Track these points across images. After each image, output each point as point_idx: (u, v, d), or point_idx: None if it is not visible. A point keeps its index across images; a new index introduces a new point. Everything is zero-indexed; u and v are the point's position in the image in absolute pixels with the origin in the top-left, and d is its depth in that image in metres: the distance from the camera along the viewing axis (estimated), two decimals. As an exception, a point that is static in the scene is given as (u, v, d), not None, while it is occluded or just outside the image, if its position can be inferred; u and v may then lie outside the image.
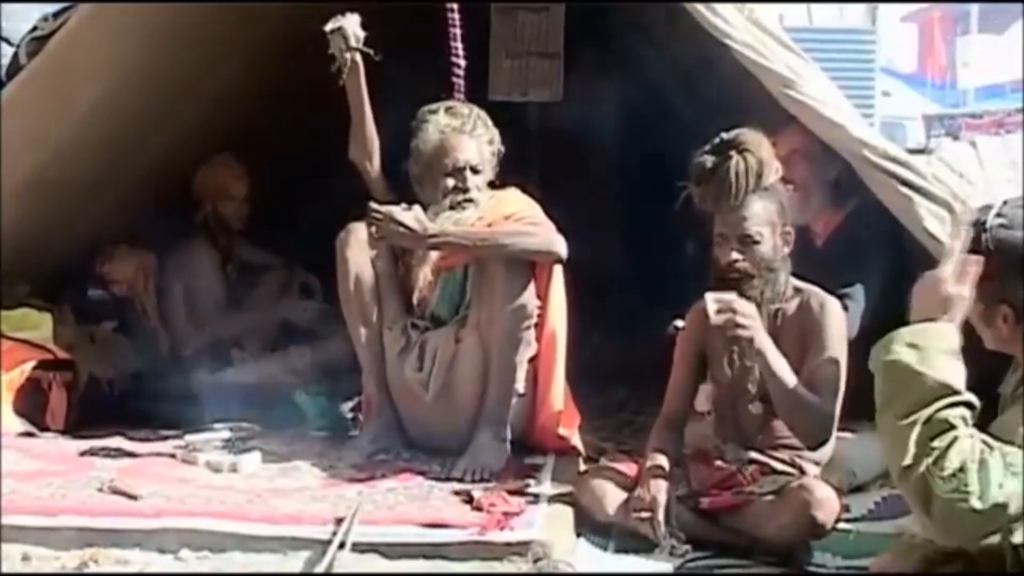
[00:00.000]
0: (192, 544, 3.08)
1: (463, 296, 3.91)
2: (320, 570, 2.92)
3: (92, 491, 3.44)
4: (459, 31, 4.12)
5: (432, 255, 3.88)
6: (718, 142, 3.27)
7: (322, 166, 4.52)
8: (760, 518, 3.11)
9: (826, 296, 3.32)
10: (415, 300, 3.93)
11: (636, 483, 3.26)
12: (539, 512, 3.29)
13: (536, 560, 3.02)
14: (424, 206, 3.82)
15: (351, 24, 3.76)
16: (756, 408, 3.34)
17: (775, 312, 3.30)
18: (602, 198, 6.65)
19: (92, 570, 2.98)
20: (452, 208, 3.84)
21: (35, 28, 4.12)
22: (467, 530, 3.12)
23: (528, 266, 3.76)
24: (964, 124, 14.41)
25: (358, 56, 3.78)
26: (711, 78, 4.79)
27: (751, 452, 3.34)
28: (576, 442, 3.89)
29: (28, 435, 4.12)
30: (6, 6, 4.81)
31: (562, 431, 3.87)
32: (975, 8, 18.53)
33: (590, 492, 3.33)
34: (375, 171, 3.94)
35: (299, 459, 3.84)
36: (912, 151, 4.07)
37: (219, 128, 5.01)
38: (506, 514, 3.22)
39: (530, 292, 3.75)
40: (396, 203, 3.78)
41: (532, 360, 3.81)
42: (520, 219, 3.83)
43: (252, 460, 3.78)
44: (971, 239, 2.39)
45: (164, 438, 4.09)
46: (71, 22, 4.02)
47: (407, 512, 3.29)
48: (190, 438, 3.96)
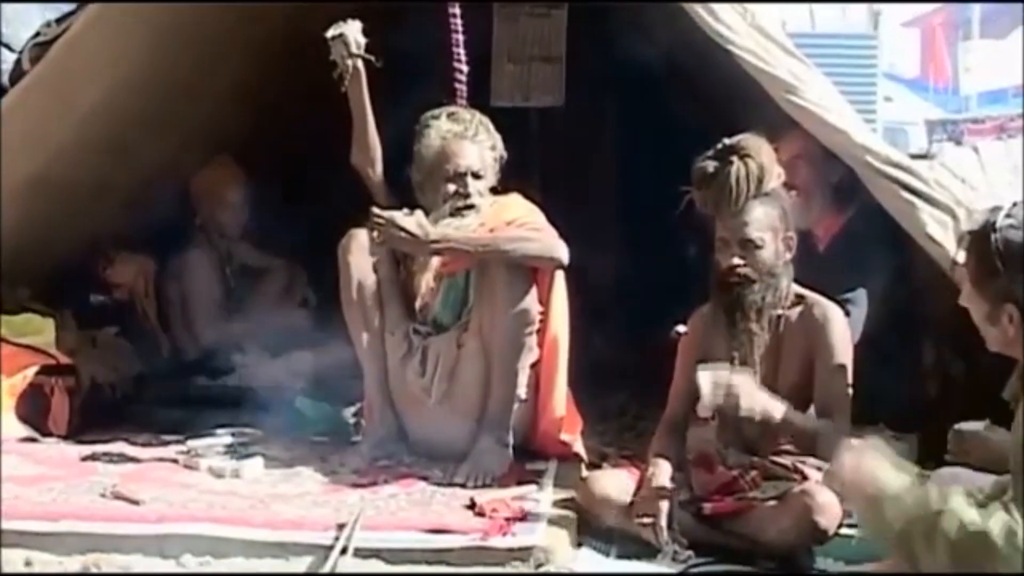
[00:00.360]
0: (194, 550, 3.09)
1: (465, 302, 3.91)
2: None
3: (94, 496, 3.45)
4: (462, 36, 4.12)
5: (434, 261, 3.88)
6: (720, 147, 3.27)
7: (324, 168, 4.52)
8: (762, 523, 3.11)
9: (829, 305, 3.32)
10: (417, 305, 3.93)
11: (638, 488, 3.27)
12: (541, 518, 3.29)
13: (538, 566, 3.03)
14: (426, 211, 3.82)
15: (352, 31, 3.76)
16: (757, 414, 3.35)
17: (777, 318, 3.31)
18: (604, 203, 6.65)
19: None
20: (453, 214, 3.84)
21: (38, 34, 4.12)
22: (469, 536, 3.12)
23: (530, 271, 3.76)
24: (966, 129, 14.39)
25: (360, 63, 3.78)
26: (713, 83, 4.78)
27: (753, 457, 3.34)
28: (578, 448, 3.89)
29: (30, 440, 4.12)
30: (6, 13, 4.82)
31: (564, 436, 3.86)
32: (977, 13, 18.51)
33: (592, 497, 3.33)
34: (377, 177, 3.94)
35: (301, 464, 3.84)
36: (914, 156, 4.06)
37: (220, 130, 5.01)
38: (508, 519, 3.22)
39: (532, 297, 3.75)
40: (398, 208, 3.78)
41: (534, 365, 3.81)
42: (522, 225, 3.82)
43: (254, 465, 3.78)
44: (980, 239, 2.46)
45: (166, 443, 4.09)
46: (74, 27, 4.03)
47: (409, 517, 3.29)
48: (192, 443, 3.97)
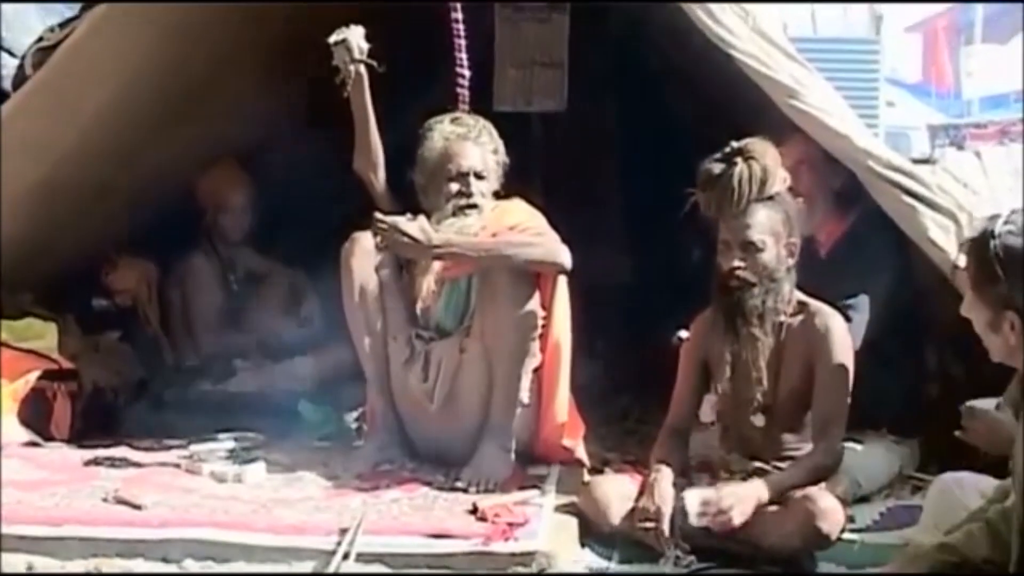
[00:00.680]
0: (196, 554, 3.10)
1: (467, 306, 3.91)
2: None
3: (96, 501, 3.45)
4: (464, 41, 4.12)
5: (436, 264, 3.87)
6: (727, 150, 3.29)
7: (329, 173, 4.52)
8: (764, 528, 3.11)
9: (831, 313, 3.32)
10: (419, 310, 3.92)
11: (640, 494, 3.27)
12: (543, 523, 3.29)
13: (540, 571, 3.04)
14: (428, 215, 3.82)
15: (355, 36, 3.76)
16: (760, 420, 3.36)
17: (778, 325, 3.31)
18: (606, 208, 6.65)
19: (97, 579, 3.00)
20: (455, 213, 3.84)
21: (40, 39, 4.12)
22: (471, 540, 3.13)
23: (532, 276, 3.76)
24: (968, 134, 14.41)
25: (362, 68, 3.78)
26: (715, 88, 4.79)
27: (755, 463, 3.35)
28: (580, 453, 3.89)
29: (32, 445, 4.12)
30: (6, 17, 4.82)
31: (566, 441, 3.87)
32: (979, 18, 18.51)
33: (594, 502, 3.33)
34: (380, 182, 3.94)
35: (303, 469, 3.84)
36: (916, 161, 4.06)
37: (224, 134, 5.00)
38: (510, 524, 3.23)
39: (534, 302, 3.75)
40: (401, 214, 3.79)
41: (536, 370, 3.80)
42: (524, 229, 3.82)
43: (256, 470, 3.78)
44: (979, 246, 2.47)
45: (168, 448, 4.09)
46: (77, 31, 4.03)
47: (411, 522, 3.29)
48: (194, 448, 3.97)
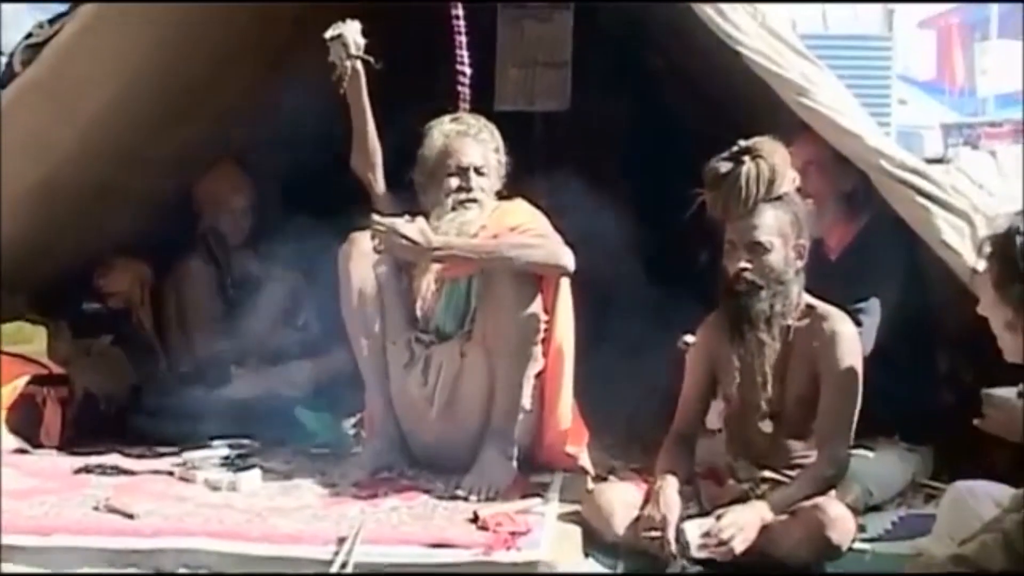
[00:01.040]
0: (190, 564, 3.09)
1: (468, 308, 3.91)
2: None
3: (87, 510, 3.44)
4: (465, 39, 4.13)
5: (434, 265, 3.87)
6: (735, 149, 3.28)
7: (330, 174, 4.53)
8: (773, 538, 3.11)
9: (839, 317, 3.31)
10: (419, 312, 3.93)
11: (645, 502, 3.27)
12: (546, 532, 3.29)
13: (543, 580, 3.03)
14: (428, 215, 3.82)
15: (351, 31, 3.76)
16: (767, 426, 3.35)
17: (786, 329, 3.31)
18: (609, 209, 6.65)
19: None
20: (454, 208, 3.85)
21: (29, 35, 4.13)
22: (472, 550, 3.12)
23: (535, 279, 3.76)
24: (983, 133, 14.41)
25: (359, 64, 3.79)
26: (722, 87, 4.79)
27: (763, 470, 3.35)
28: (584, 460, 3.90)
29: (21, 452, 4.12)
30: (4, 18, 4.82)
31: (570, 448, 3.87)
32: (995, 13, 18.49)
33: (598, 511, 3.33)
34: (378, 182, 3.95)
35: (300, 477, 3.85)
36: (930, 161, 4.05)
37: (225, 136, 5.00)
38: (512, 534, 3.22)
39: (537, 305, 3.75)
40: (400, 215, 3.79)
41: (539, 375, 3.81)
42: (526, 231, 3.82)
43: (252, 478, 3.78)
44: (1004, 243, 2.46)
45: (161, 455, 4.10)
46: (70, 30, 4.02)
47: (411, 531, 3.29)
48: (188, 455, 3.97)
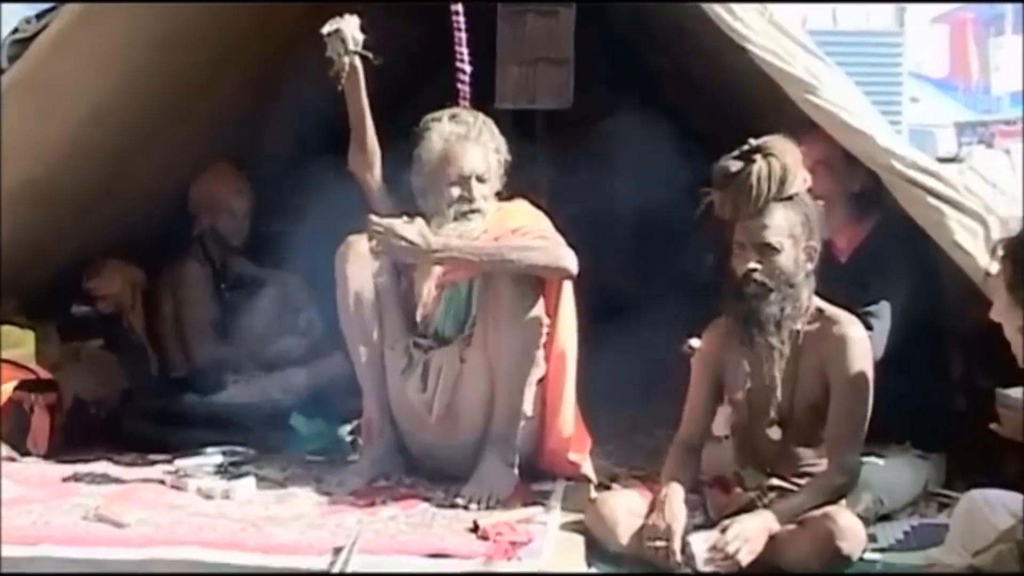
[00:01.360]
0: (182, 575, 3.10)
1: (468, 312, 3.91)
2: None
3: (76, 519, 3.45)
4: (464, 35, 4.13)
5: (436, 269, 3.88)
6: (745, 147, 3.28)
7: (326, 175, 4.53)
8: (780, 548, 3.10)
9: (849, 322, 3.31)
10: (418, 317, 3.93)
11: (650, 511, 3.26)
12: (548, 541, 3.29)
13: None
14: (427, 218, 3.83)
15: (349, 26, 3.75)
16: (775, 433, 3.35)
17: (795, 333, 3.31)
18: (614, 210, 6.66)
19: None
20: (456, 219, 3.85)
21: (16, 30, 4.13)
22: (472, 560, 3.13)
23: (537, 282, 3.76)
24: (998, 131, 14.42)
25: (357, 60, 3.78)
26: (727, 85, 4.80)
27: (771, 478, 3.35)
28: (587, 468, 3.90)
29: (8, 460, 4.11)
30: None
31: (572, 456, 3.87)
32: (1010, 8, 18.49)
33: (602, 520, 3.32)
34: (376, 182, 3.95)
35: (295, 485, 3.85)
36: (942, 160, 4.06)
37: (219, 137, 5.01)
38: (513, 543, 3.23)
39: (539, 309, 3.75)
40: (398, 216, 3.79)
41: (541, 381, 3.81)
42: (528, 233, 3.82)
43: (246, 486, 3.78)
44: (1019, 245, 2.47)
45: (153, 463, 4.09)
46: (57, 24, 4.02)
47: (409, 541, 3.29)
48: (180, 463, 3.97)
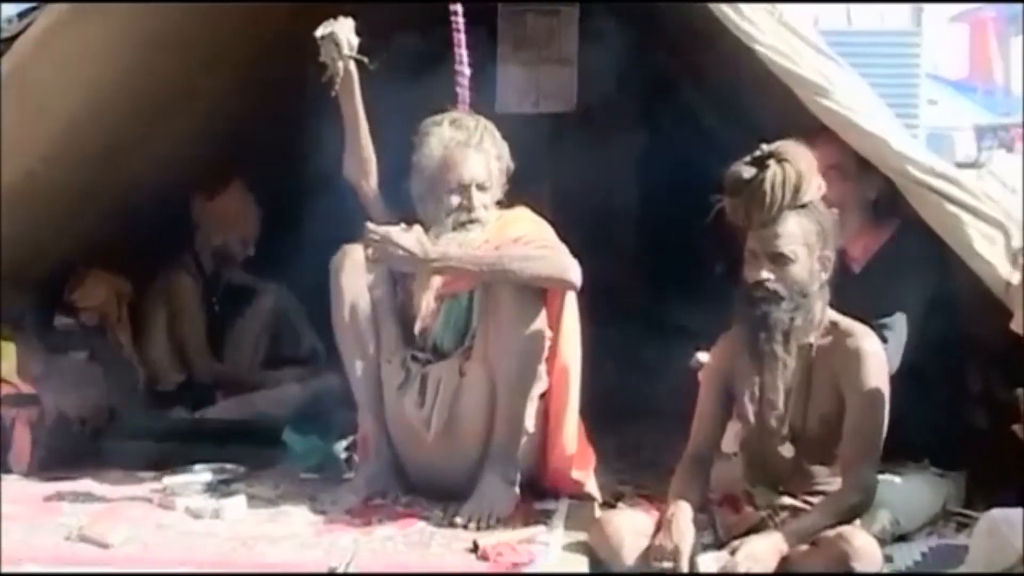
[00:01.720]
0: (169, 597, 3.10)
1: (468, 325, 3.90)
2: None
3: (59, 539, 3.45)
4: (464, 37, 4.13)
5: (435, 280, 3.88)
6: (758, 153, 3.27)
7: (322, 183, 4.53)
8: (793, 570, 3.10)
9: (864, 334, 3.30)
10: (416, 329, 3.92)
11: (657, 530, 3.26)
12: (550, 561, 3.29)
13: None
14: (425, 226, 3.83)
15: (344, 30, 3.76)
16: (787, 450, 3.34)
17: (808, 347, 3.30)
18: (619, 219, 6.66)
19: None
20: (456, 228, 3.85)
21: (-1, 29, 4.15)
22: (471, 582, 3.13)
23: (539, 293, 3.76)
24: (1018, 135, 14.39)
25: (352, 64, 3.79)
26: (737, 88, 4.79)
27: (783, 497, 3.34)
28: (591, 485, 3.89)
29: (-10, 478, 4.13)
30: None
31: (575, 473, 3.87)
32: (1031, 7, 18.48)
33: (606, 540, 3.31)
34: (372, 189, 3.95)
35: (288, 503, 3.85)
36: (961, 165, 4.06)
37: (210, 143, 5.01)
38: (515, 564, 3.24)
39: (541, 321, 3.75)
40: (395, 223, 3.79)
41: (543, 396, 3.81)
42: (530, 242, 3.82)
43: (237, 505, 3.78)
44: None
45: (139, 480, 4.10)
46: (41, 23, 4.02)
47: (406, 562, 3.30)
48: (168, 481, 3.96)
